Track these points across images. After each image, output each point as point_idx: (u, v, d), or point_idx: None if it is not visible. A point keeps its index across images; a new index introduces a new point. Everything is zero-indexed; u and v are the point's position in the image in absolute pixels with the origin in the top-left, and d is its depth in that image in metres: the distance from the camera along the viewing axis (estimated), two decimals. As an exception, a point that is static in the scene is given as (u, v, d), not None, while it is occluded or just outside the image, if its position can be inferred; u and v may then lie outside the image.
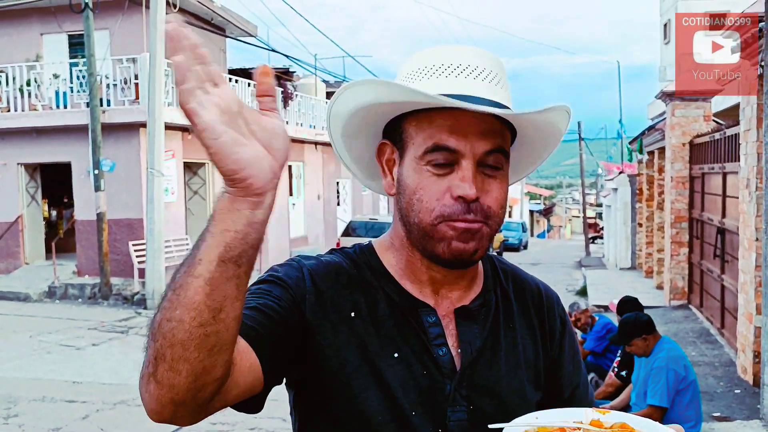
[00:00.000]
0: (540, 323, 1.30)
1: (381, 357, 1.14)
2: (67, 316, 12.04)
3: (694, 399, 4.68)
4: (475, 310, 1.22)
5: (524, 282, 1.34)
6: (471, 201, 1.10)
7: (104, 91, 14.19)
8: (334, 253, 1.26)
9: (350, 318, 1.15)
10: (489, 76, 1.15)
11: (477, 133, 1.10)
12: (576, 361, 1.34)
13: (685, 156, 11.88)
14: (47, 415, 6.65)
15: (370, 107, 1.16)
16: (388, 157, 1.20)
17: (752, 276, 6.75)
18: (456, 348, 1.18)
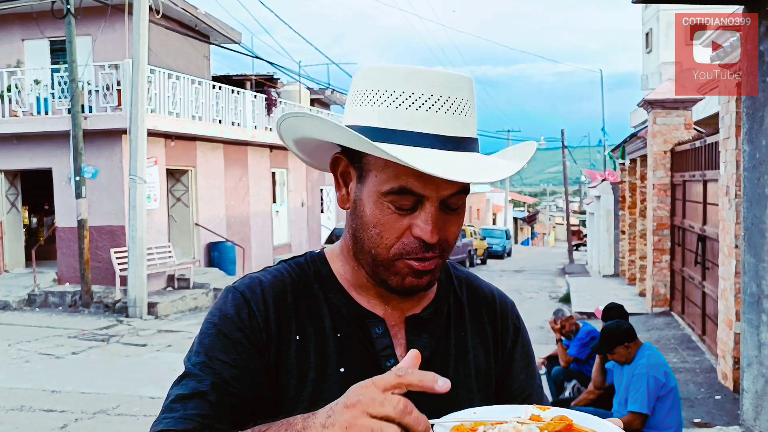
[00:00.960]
0: (493, 331, 1.28)
1: (325, 375, 1.12)
2: (46, 325, 11.91)
3: (674, 405, 4.70)
4: (426, 319, 1.21)
5: (479, 289, 1.32)
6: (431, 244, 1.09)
7: (86, 97, 14.08)
8: (282, 264, 1.23)
9: (296, 341, 1.13)
10: (456, 106, 1.08)
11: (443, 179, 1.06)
12: (529, 370, 1.32)
13: (667, 164, 11.97)
14: (25, 424, 6.56)
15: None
16: (344, 170, 1.15)
17: (732, 283, 6.80)
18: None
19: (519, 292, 18.59)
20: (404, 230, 1.09)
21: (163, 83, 14.56)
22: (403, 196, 1.07)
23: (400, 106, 1.06)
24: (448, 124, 1.07)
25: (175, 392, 1.09)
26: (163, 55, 15.75)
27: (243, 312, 1.13)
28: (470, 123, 1.11)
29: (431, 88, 1.07)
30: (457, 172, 1.03)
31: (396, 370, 0.86)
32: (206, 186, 16.51)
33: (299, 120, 1.12)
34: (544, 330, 12.26)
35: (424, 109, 1.06)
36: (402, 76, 1.07)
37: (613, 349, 4.78)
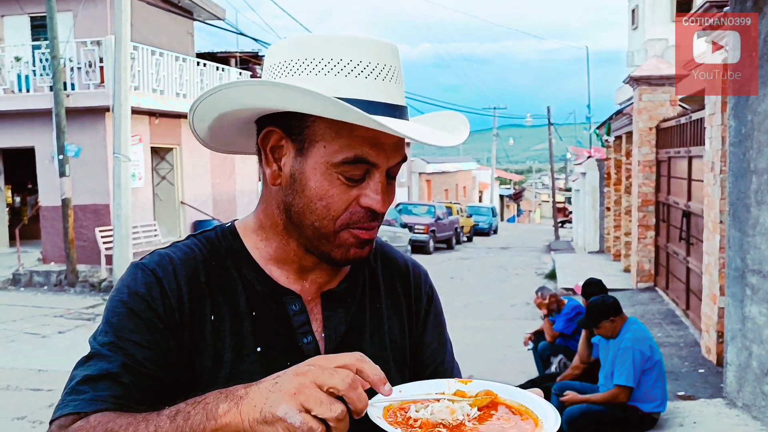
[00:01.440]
0: (407, 301, 1.28)
1: (242, 356, 1.09)
2: (32, 304, 11.84)
3: (659, 378, 4.76)
4: (342, 293, 1.19)
5: (392, 260, 1.31)
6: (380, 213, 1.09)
7: (68, 74, 13.91)
8: (192, 239, 1.18)
9: (210, 321, 1.09)
10: (389, 72, 1.07)
11: (393, 147, 1.07)
12: (441, 338, 1.32)
13: (652, 140, 12.01)
14: (11, 403, 6.54)
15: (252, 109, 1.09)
16: (275, 145, 1.10)
17: (716, 258, 6.86)
18: (321, 334, 1.15)
19: (505, 268, 18.70)
20: (352, 200, 1.08)
21: (146, 60, 14.39)
22: (357, 166, 1.05)
23: (349, 74, 1.04)
24: (392, 92, 1.07)
25: (82, 373, 1.02)
26: (146, 32, 15.55)
27: (154, 291, 1.07)
28: (403, 91, 1.12)
29: (371, 55, 1.05)
30: (436, 138, 1.05)
31: (356, 355, 0.88)
32: (192, 164, 16.40)
33: (255, 89, 1.05)
34: (530, 306, 12.35)
35: (372, 77, 1.05)
36: (345, 43, 1.05)
37: (599, 323, 4.83)
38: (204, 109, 1.12)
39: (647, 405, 4.75)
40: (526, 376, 6.77)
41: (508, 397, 0.99)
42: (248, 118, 1.13)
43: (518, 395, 0.99)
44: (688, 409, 5.34)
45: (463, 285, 15.47)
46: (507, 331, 9.62)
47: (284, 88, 1.02)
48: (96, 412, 0.97)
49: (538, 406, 0.96)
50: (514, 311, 11.92)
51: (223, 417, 0.88)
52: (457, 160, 48.80)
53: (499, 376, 7.13)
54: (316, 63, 1.04)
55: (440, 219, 24.45)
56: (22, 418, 6.11)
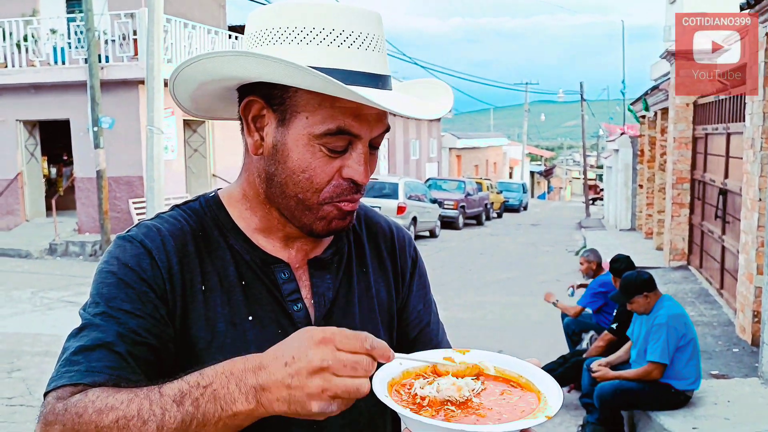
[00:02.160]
0: (393, 265, 1.29)
1: (233, 324, 1.09)
2: (68, 273, 12.09)
3: (693, 356, 4.72)
4: (328, 259, 1.20)
5: (376, 225, 1.31)
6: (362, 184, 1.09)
7: (102, 47, 14.02)
8: (176, 210, 1.17)
9: (201, 291, 1.09)
10: (375, 42, 1.06)
11: (375, 117, 1.06)
12: (426, 300, 1.33)
13: (689, 116, 11.79)
14: (50, 369, 6.65)
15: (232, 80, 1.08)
16: (257, 114, 1.09)
17: (754, 236, 6.75)
18: (310, 301, 1.16)
19: (535, 245, 18.60)
20: (335, 172, 1.07)
21: (179, 33, 14.44)
22: (339, 137, 1.04)
23: (331, 44, 1.03)
24: (374, 61, 1.06)
25: (75, 344, 1.00)
26: (178, 5, 15.58)
27: (144, 262, 1.06)
28: (386, 59, 1.10)
29: (353, 24, 1.04)
30: (417, 109, 1.04)
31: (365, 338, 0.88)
32: (223, 136, 16.50)
33: (239, 59, 1.03)
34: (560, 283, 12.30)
35: (355, 47, 1.04)
36: (326, 12, 1.03)
37: (632, 298, 4.78)
38: (184, 78, 1.11)
39: (681, 382, 4.72)
40: (557, 352, 6.75)
41: (507, 368, 1.00)
42: (230, 86, 1.12)
43: (517, 366, 1.00)
44: (722, 387, 5.29)
45: (493, 261, 15.44)
46: (537, 308, 9.59)
47: (263, 59, 1.00)
48: (93, 384, 0.95)
49: (539, 378, 0.96)
50: (543, 288, 11.83)
51: (243, 407, 0.88)
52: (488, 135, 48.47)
53: (529, 352, 7.13)
54: (297, 32, 1.03)
55: (470, 195, 24.34)
56: None
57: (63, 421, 0.92)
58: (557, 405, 0.89)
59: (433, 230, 19.89)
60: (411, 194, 18.30)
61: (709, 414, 4.75)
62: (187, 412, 0.88)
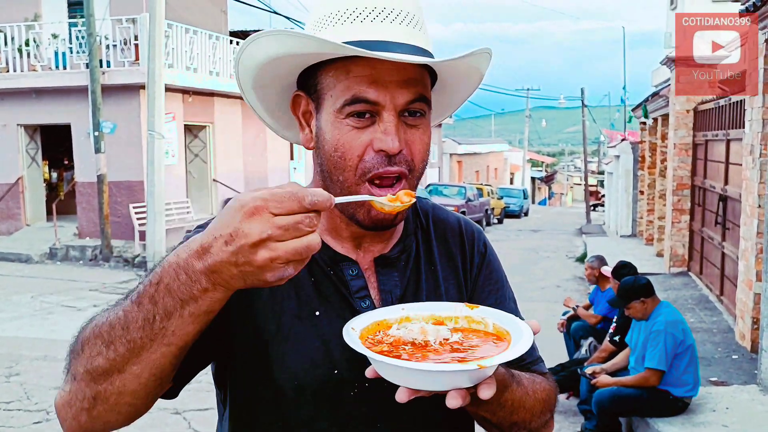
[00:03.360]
0: (462, 260, 1.28)
1: (301, 318, 1.12)
2: (68, 278, 12.09)
3: (691, 363, 4.71)
4: (395, 258, 1.20)
5: (444, 221, 1.31)
6: (394, 154, 1.07)
7: (104, 51, 14.06)
8: None
9: (269, 290, 1.11)
10: (405, 18, 1.09)
11: (397, 83, 1.06)
12: (499, 295, 1.29)
13: (689, 123, 11.79)
14: (49, 373, 6.70)
15: (281, 59, 1.10)
16: (305, 110, 1.15)
17: (753, 243, 6.74)
18: (378, 297, 1.17)
19: (536, 251, 18.58)
20: (365, 147, 1.07)
21: (180, 38, 14.48)
22: (358, 105, 1.06)
23: (355, 21, 1.07)
24: (399, 32, 1.08)
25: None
26: (180, 10, 15.62)
27: None
28: (421, 35, 1.11)
29: (381, 2, 1.08)
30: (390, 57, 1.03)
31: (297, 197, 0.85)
32: (224, 142, 16.52)
33: (261, 42, 1.08)
34: (560, 289, 12.29)
35: (377, 21, 1.07)
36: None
37: (629, 303, 4.77)
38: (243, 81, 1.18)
39: (679, 389, 4.71)
40: (556, 358, 6.73)
41: (498, 322, 1.03)
42: (287, 88, 1.17)
43: (507, 321, 1.03)
44: (720, 394, 5.28)
45: (493, 267, 15.40)
46: (537, 314, 9.57)
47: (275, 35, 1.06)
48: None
49: (518, 330, 0.98)
50: (544, 294, 11.85)
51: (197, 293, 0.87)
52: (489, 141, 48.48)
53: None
54: (336, 15, 1.09)
55: (471, 200, 24.35)
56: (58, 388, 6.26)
57: (69, 348, 1.02)
58: (503, 359, 0.90)
59: (434, 236, 19.86)
60: (411, 200, 18.26)
61: (707, 421, 4.73)
62: (147, 310, 0.89)
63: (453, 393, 0.90)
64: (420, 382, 0.90)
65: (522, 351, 0.93)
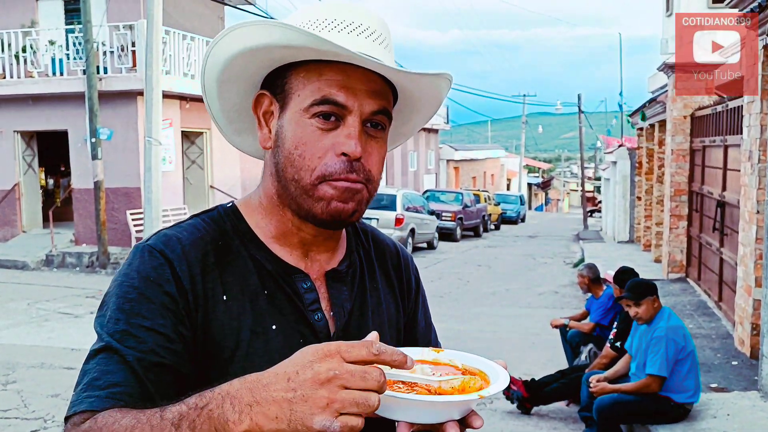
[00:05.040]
0: (398, 281, 1.32)
1: (257, 334, 1.10)
2: (65, 285, 12.04)
3: (692, 369, 4.70)
4: (344, 272, 1.21)
5: (382, 242, 1.34)
6: (354, 159, 1.07)
7: (101, 58, 14.04)
8: (195, 219, 1.17)
9: (223, 301, 1.09)
10: (378, 36, 1.13)
11: (366, 92, 1.08)
12: (427, 317, 1.38)
13: (686, 129, 11.81)
14: (46, 381, 6.66)
15: (256, 52, 1.10)
16: (266, 110, 1.15)
17: (752, 249, 6.74)
18: (329, 312, 1.17)
19: (533, 257, 18.58)
20: (327, 150, 1.08)
21: (178, 44, 14.47)
22: (326, 105, 1.07)
23: (332, 30, 1.10)
24: (370, 48, 1.11)
25: (95, 368, 1.00)
26: (177, 16, 15.63)
27: (166, 273, 1.06)
28: (390, 56, 1.15)
29: (357, 17, 1.12)
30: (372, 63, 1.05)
31: (370, 345, 0.84)
32: (221, 148, 16.50)
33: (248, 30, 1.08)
34: (558, 295, 12.27)
35: (352, 34, 1.11)
36: (332, 8, 1.13)
37: (642, 299, 4.72)
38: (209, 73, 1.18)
39: (680, 396, 4.69)
40: (555, 365, 6.72)
41: (472, 364, 1.05)
42: (249, 89, 1.18)
43: (480, 363, 1.05)
44: (721, 400, 5.26)
45: (491, 273, 15.41)
46: (535, 320, 9.56)
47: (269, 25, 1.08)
48: (108, 409, 0.95)
49: (494, 372, 1.01)
50: (541, 300, 11.84)
51: (236, 427, 0.84)
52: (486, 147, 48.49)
53: (526, 364, 7.10)
54: (309, 23, 1.11)
55: (468, 206, 24.33)
56: (56, 396, 6.22)
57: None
58: (495, 389, 0.94)
59: (431, 242, 19.87)
60: (409, 206, 18.29)
61: (708, 427, 4.72)
62: None
63: (450, 424, 0.92)
64: (423, 415, 0.92)
65: (507, 381, 0.98)
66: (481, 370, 1.03)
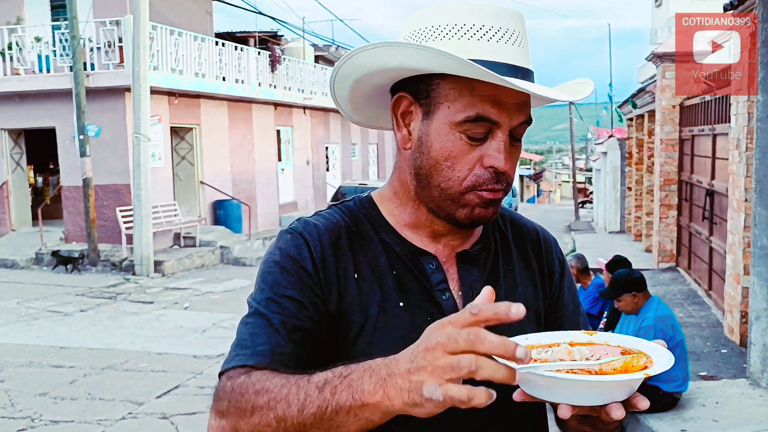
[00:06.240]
0: (539, 266, 1.33)
1: (385, 310, 1.16)
2: (54, 283, 11.98)
3: (681, 358, 4.70)
4: (476, 254, 1.24)
5: (522, 226, 1.36)
6: (502, 172, 1.12)
7: (88, 54, 13.94)
8: (333, 208, 1.27)
9: (354, 279, 1.17)
10: (515, 37, 1.12)
11: (515, 105, 1.10)
12: (576, 302, 1.38)
13: (675, 118, 11.82)
14: (34, 380, 6.63)
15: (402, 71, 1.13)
16: (405, 110, 1.17)
17: (741, 237, 6.75)
18: (458, 292, 1.20)
19: (525, 249, 18.58)
20: (476, 161, 1.11)
21: (165, 40, 14.38)
22: (479, 124, 1.09)
23: (471, 38, 1.09)
24: (515, 54, 1.11)
25: (245, 331, 1.12)
26: (164, 11, 15.53)
27: (304, 252, 1.16)
28: (528, 55, 1.15)
29: (495, 20, 1.11)
30: (546, 91, 1.07)
31: (470, 308, 0.86)
32: (211, 144, 16.43)
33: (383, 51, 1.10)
34: (549, 286, 12.27)
35: (494, 41, 1.10)
36: (465, 10, 1.10)
37: (620, 295, 4.75)
38: (341, 78, 1.20)
39: (668, 385, 4.69)
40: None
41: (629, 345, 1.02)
42: (381, 87, 1.20)
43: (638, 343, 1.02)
44: (710, 389, 5.27)
45: (483, 265, 15.41)
46: (526, 311, 9.56)
47: (405, 47, 1.09)
48: (257, 366, 1.05)
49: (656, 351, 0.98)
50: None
51: (370, 398, 0.89)
52: (477, 140, 48.35)
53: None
54: (445, 29, 1.11)
55: (460, 199, 24.31)
56: (44, 395, 6.19)
57: (229, 398, 1.03)
58: (661, 368, 0.91)
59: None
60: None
61: (697, 416, 4.72)
62: (325, 398, 0.92)
63: (614, 405, 0.90)
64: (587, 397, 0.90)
65: (672, 360, 0.94)
66: (640, 350, 1.01)
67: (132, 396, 6.14)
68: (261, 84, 17.97)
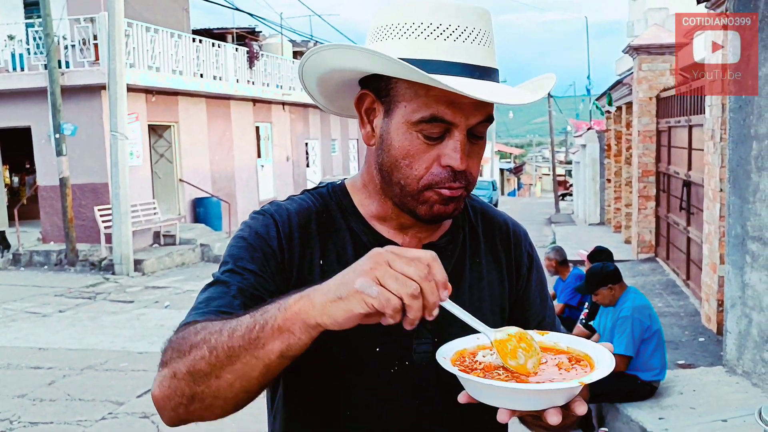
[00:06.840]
0: (507, 259, 1.34)
1: None
2: (32, 284, 11.85)
3: (658, 347, 4.75)
4: (442, 246, 1.25)
5: (493, 219, 1.37)
6: (459, 171, 1.13)
7: (62, 52, 13.77)
8: (305, 194, 1.28)
9: (319, 265, 1.19)
10: (478, 36, 1.11)
11: (472, 104, 1.10)
12: (543, 295, 1.39)
13: (652, 110, 11.92)
14: (12, 382, 6.56)
15: (358, 73, 1.16)
16: (368, 107, 1.19)
17: (716, 226, 6.83)
18: None
19: (506, 242, 18.65)
20: (433, 160, 1.12)
21: (141, 37, 14.25)
22: (434, 124, 1.09)
23: (428, 37, 1.09)
24: (474, 53, 1.11)
25: (203, 296, 1.15)
26: (140, 8, 15.38)
27: (272, 231, 1.19)
28: (492, 54, 1.15)
29: (456, 18, 1.10)
30: (488, 94, 1.07)
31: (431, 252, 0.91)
32: (189, 141, 16.32)
33: (335, 52, 1.11)
34: (530, 278, 12.33)
35: (451, 39, 1.09)
36: (427, 8, 1.10)
37: (596, 289, 4.80)
38: (308, 73, 1.21)
39: (646, 374, 4.74)
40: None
41: (576, 347, 1.06)
42: (348, 81, 1.21)
43: (583, 345, 1.06)
44: (687, 377, 5.33)
45: (464, 259, 15.44)
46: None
47: (352, 50, 1.10)
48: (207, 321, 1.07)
49: (600, 355, 1.01)
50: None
51: (293, 306, 0.92)
52: (457, 134, 48.42)
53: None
54: (404, 27, 1.11)
55: (440, 193, 24.37)
56: (22, 396, 6.12)
57: (172, 347, 1.04)
58: (597, 376, 0.94)
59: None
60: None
61: (675, 404, 4.78)
62: (255, 319, 0.96)
63: (552, 411, 0.93)
64: (522, 402, 0.94)
65: (611, 366, 0.97)
66: (586, 354, 1.03)
67: (112, 396, 6.10)
68: (239, 80, 17.88)
